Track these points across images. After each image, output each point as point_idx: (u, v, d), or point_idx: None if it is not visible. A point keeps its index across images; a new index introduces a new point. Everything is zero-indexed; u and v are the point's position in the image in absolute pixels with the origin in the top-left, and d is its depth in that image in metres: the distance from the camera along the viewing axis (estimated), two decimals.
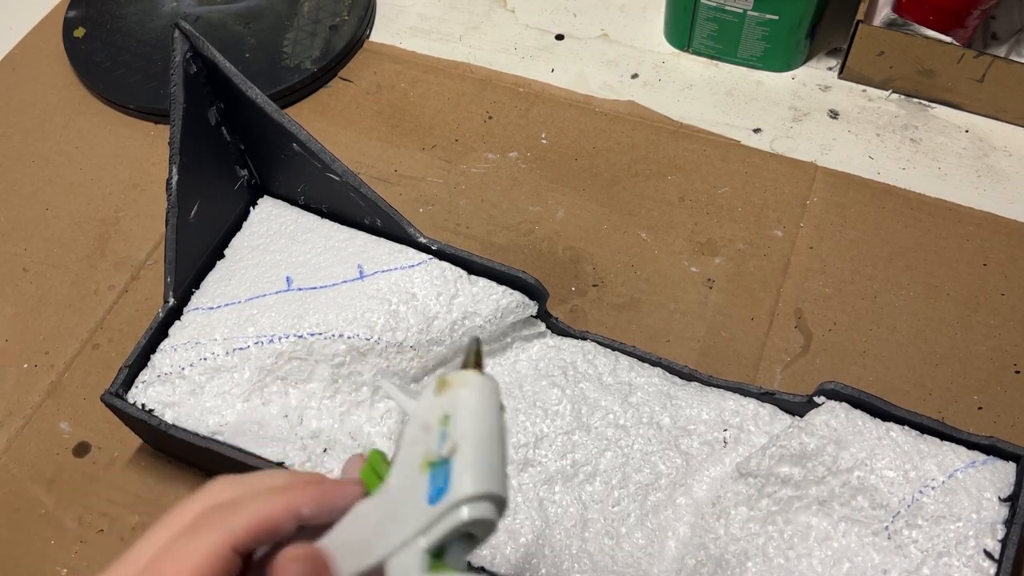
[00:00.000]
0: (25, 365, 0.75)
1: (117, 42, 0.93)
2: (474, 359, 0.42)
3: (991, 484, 0.57)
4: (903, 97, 0.86)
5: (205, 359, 0.65)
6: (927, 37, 0.81)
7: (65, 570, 0.65)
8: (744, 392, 0.65)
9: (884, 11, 0.86)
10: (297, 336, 0.64)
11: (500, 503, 0.38)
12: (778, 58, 0.88)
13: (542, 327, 0.69)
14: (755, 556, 0.59)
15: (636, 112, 0.87)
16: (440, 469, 0.38)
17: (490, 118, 0.87)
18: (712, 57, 0.91)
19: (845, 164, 0.82)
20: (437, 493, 0.37)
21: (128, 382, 0.65)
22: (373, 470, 0.42)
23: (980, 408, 0.69)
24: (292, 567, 0.38)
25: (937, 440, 0.59)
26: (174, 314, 0.68)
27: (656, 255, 0.78)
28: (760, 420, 0.64)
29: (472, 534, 0.38)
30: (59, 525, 0.67)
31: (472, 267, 0.67)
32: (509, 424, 0.65)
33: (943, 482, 0.57)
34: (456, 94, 0.90)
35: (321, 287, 0.66)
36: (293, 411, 0.64)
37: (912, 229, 0.78)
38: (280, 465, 0.60)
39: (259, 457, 0.61)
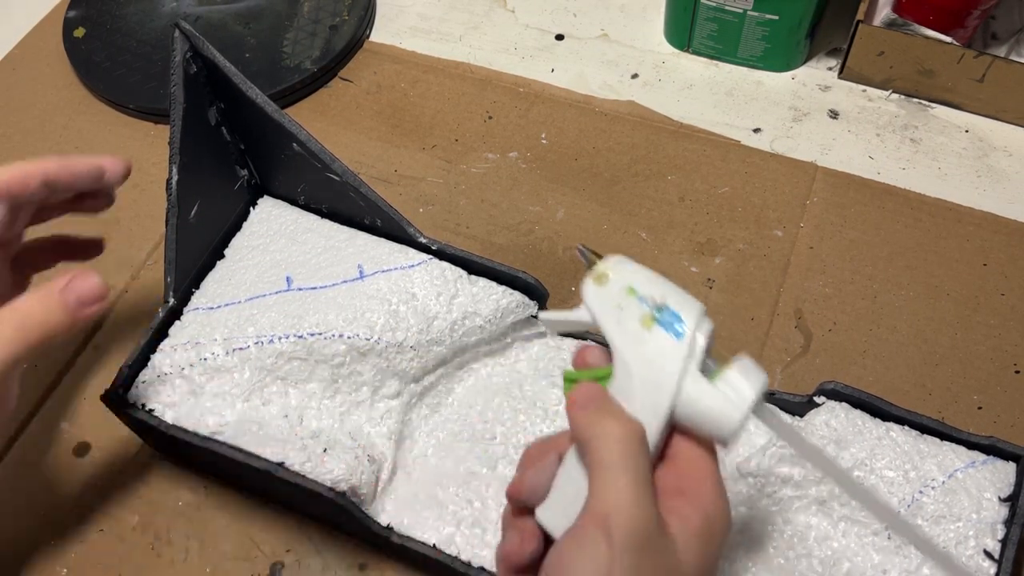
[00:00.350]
0: (25, 365, 0.74)
1: (117, 42, 0.93)
2: (591, 253, 0.47)
3: (991, 484, 0.57)
4: (903, 97, 0.86)
5: (205, 359, 0.65)
6: (927, 37, 0.81)
7: (65, 570, 0.65)
8: None
9: (884, 11, 0.86)
10: (297, 336, 0.64)
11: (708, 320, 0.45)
12: (778, 58, 0.88)
13: (542, 327, 0.68)
14: (755, 556, 0.59)
15: (636, 112, 0.87)
16: (664, 314, 0.44)
17: (490, 118, 0.87)
18: (712, 57, 0.91)
19: (845, 164, 0.82)
20: (677, 328, 0.44)
21: (128, 382, 0.65)
22: (593, 376, 0.47)
23: (980, 408, 0.69)
24: (587, 389, 0.45)
25: (937, 440, 0.59)
26: (174, 314, 0.68)
27: (656, 255, 0.78)
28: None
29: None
30: (59, 525, 0.67)
31: (472, 267, 0.67)
32: (510, 424, 0.65)
33: (943, 482, 0.57)
34: (456, 94, 0.90)
35: (321, 287, 0.66)
36: (293, 411, 0.64)
37: (912, 229, 0.78)
38: (280, 465, 0.60)
39: (259, 457, 0.61)
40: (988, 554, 0.55)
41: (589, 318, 0.47)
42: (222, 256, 0.71)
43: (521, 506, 0.47)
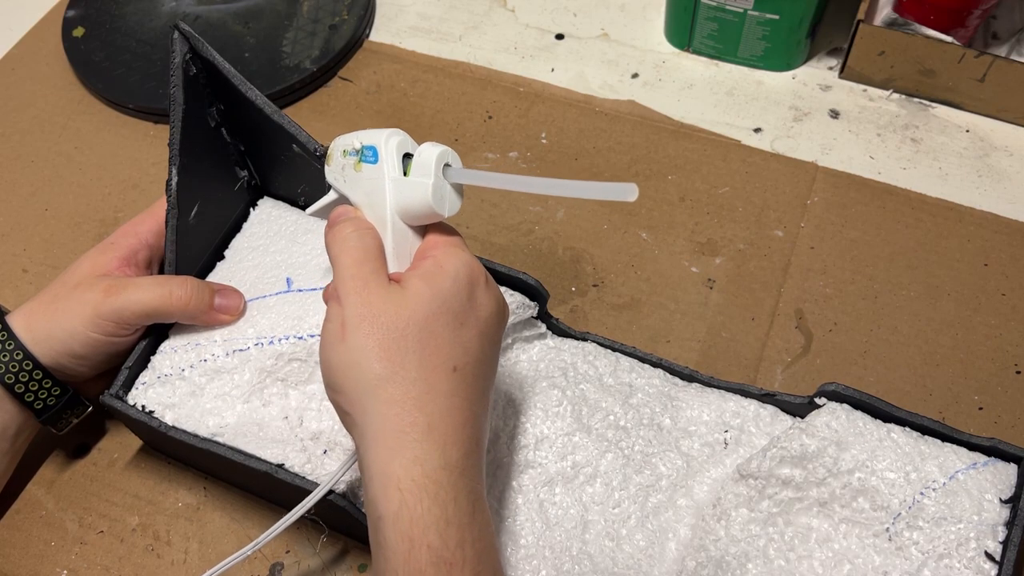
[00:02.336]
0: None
1: (116, 42, 0.93)
2: (322, 147, 0.59)
3: (992, 486, 0.57)
4: (904, 97, 0.86)
5: (205, 360, 0.65)
6: (928, 37, 0.81)
7: (65, 571, 0.65)
8: (745, 393, 0.65)
9: (885, 11, 0.86)
10: (297, 337, 0.64)
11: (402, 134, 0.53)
12: (779, 58, 0.88)
13: (543, 328, 0.68)
14: (756, 558, 0.59)
15: (636, 112, 0.87)
16: (363, 153, 0.54)
17: (490, 118, 0.87)
18: (712, 57, 0.91)
19: (846, 164, 0.82)
20: (373, 157, 0.53)
21: (128, 383, 0.65)
22: None
23: (981, 408, 0.69)
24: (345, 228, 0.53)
25: (938, 442, 0.59)
26: None
27: (656, 255, 0.78)
28: (761, 421, 0.64)
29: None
30: (59, 526, 0.67)
31: None
32: (510, 426, 0.65)
33: (944, 484, 0.57)
34: (456, 94, 0.89)
35: (321, 288, 0.66)
36: (293, 412, 0.64)
37: (913, 229, 0.78)
38: (280, 467, 0.60)
39: (259, 458, 0.60)
40: (989, 556, 0.55)
41: (335, 195, 0.57)
42: (222, 257, 0.71)
43: None
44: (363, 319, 0.49)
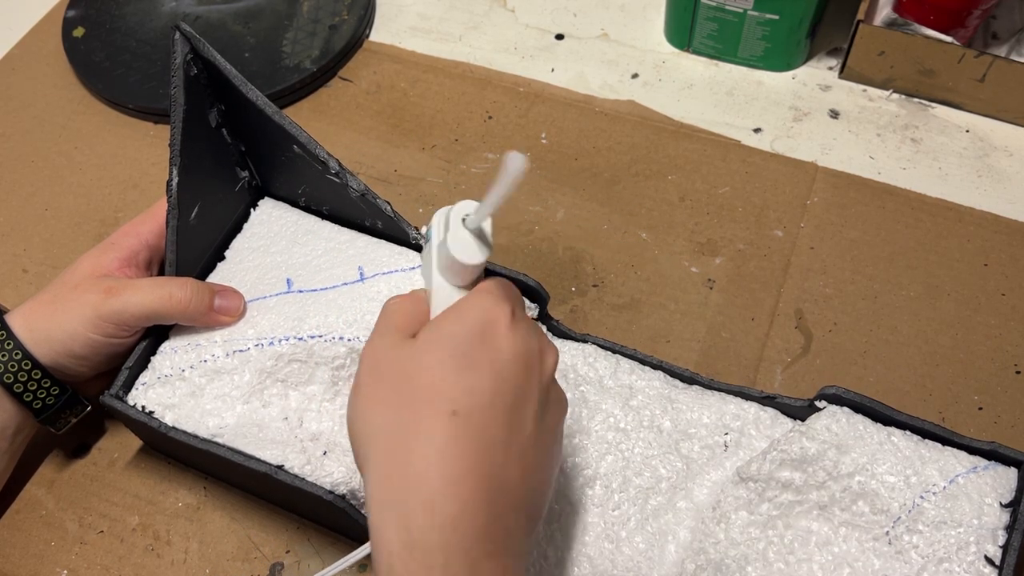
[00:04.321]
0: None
1: (116, 42, 0.93)
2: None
3: (992, 490, 0.57)
4: (904, 97, 0.86)
5: (205, 361, 0.65)
6: (928, 37, 0.81)
7: (65, 571, 0.65)
8: (745, 396, 0.65)
9: (884, 11, 0.86)
10: (297, 338, 0.64)
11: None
12: (778, 58, 0.88)
13: (543, 329, 0.68)
14: (755, 561, 0.59)
15: (636, 112, 0.87)
16: (427, 233, 0.56)
17: (490, 118, 0.87)
18: (712, 57, 0.91)
19: (846, 164, 0.82)
20: (431, 236, 0.55)
21: (128, 384, 0.65)
22: None
23: (980, 409, 0.69)
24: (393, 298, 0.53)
25: (938, 445, 0.59)
26: None
27: (656, 255, 0.78)
28: (761, 424, 0.64)
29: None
30: (59, 526, 0.67)
31: None
32: None
33: (944, 487, 0.57)
34: (456, 94, 0.89)
35: (322, 289, 0.66)
36: (293, 413, 0.64)
37: (913, 229, 0.78)
38: (280, 468, 0.60)
39: (259, 459, 0.61)
40: (989, 560, 0.55)
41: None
42: (223, 258, 0.71)
43: None
44: (368, 371, 0.48)
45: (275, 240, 0.70)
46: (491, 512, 0.45)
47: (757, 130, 0.85)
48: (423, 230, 0.57)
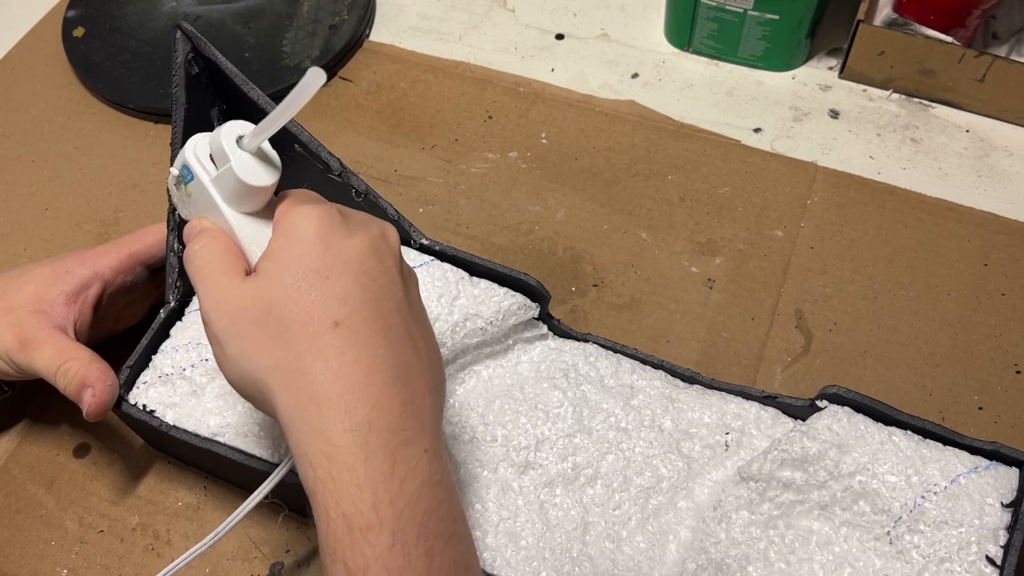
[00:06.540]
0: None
1: (116, 42, 0.93)
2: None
3: (994, 490, 0.57)
4: (904, 97, 0.86)
5: (207, 360, 0.65)
6: (928, 37, 0.81)
7: (65, 571, 0.65)
8: (746, 396, 0.65)
9: (885, 10, 0.86)
10: None
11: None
12: (778, 58, 0.88)
13: (544, 329, 0.68)
14: (756, 560, 0.59)
15: (636, 112, 0.87)
16: (184, 178, 0.52)
17: (490, 118, 0.87)
18: (712, 57, 0.91)
19: (846, 164, 0.82)
20: (190, 178, 0.52)
21: (129, 383, 0.65)
22: None
23: (981, 408, 0.69)
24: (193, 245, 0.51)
25: (940, 445, 0.59)
26: (175, 315, 0.67)
27: (656, 255, 0.78)
28: (762, 424, 0.64)
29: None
30: (59, 526, 0.67)
31: (474, 269, 0.66)
32: (510, 426, 0.65)
33: (945, 487, 0.57)
34: (456, 94, 0.89)
35: None
36: None
37: (913, 229, 0.78)
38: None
39: (260, 459, 0.61)
40: (990, 560, 0.55)
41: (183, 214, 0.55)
42: None
43: None
44: (226, 324, 0.48)
45: None
46: (401, 399, 0.46)
47: (757, 130, 0.85)
48: (173, 172, 0.53)
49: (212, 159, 0.51)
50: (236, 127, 0.50)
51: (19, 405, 0.72)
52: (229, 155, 0.49)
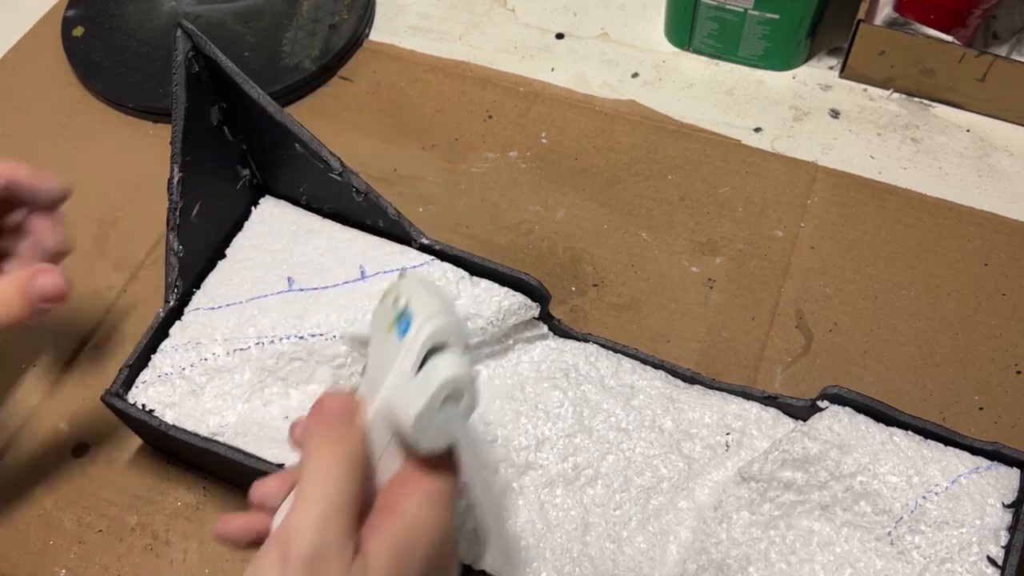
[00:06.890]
0: (24, 365, 0.75)
1: (116, 41, 0.93)
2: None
3: (995, 490, 0.57)
4: (904, 96, 0.86)
5: (206, 359, 0.65)
6: (928, 36, 0.81)
7: (64, 570, 0.65)
8: (747, 396, 0.65)
9: (885, 10, 0.86)
10: (298, 337, 0.64)
11: (450, 318, 0.44)
12: (779, 57, 0.88)
13: (544, 329, 0.68)
14: (757, 561, 0.59)
15: (636, 111, 0.87)
16: (402, 320, 0.43)
17: (490, 117, 0.87)
18: (713, 56, 0.91)
19: (846, 164, 0.82)
20: (406, 329, 0.43)
21: (128, 382, 0.65)
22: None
23: (981, 408, 0.69)
24: (330, 402, 0.44)
25: (941, 445, 0.59)
26: (175, 314, 0.67)
27: (656, 255, 0.78)
28: (763, 424, 0.64)
29: (440, 347, 0.43)
30: (58, 525, 0.67)
31: (474, 268, 0.66)
32: (511, 427, 0.65)
33: (946, 488, 0.57)
34: (456, 93, 0.89)
35: (323, 288, 0.66)
36: (294, 412, 0.64)
37: (913, 229, 0.78)
38: (280, 467, 0.60)
39: (259, 458, 0.60)
40: (991, 560, 0.55)
41: (367, 334, 0.47)
42: (223, 256, 0.71)
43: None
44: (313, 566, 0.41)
45: (276, 238, 0.70)
46: None
47: (757, 130, 0.85)
48: (387, 303, 0.45)
49: (430, 354, 0.43)
50: (461, 381, 0.43)
51: (18, 405, 0.72)
52: (427, 396, 0.42)
